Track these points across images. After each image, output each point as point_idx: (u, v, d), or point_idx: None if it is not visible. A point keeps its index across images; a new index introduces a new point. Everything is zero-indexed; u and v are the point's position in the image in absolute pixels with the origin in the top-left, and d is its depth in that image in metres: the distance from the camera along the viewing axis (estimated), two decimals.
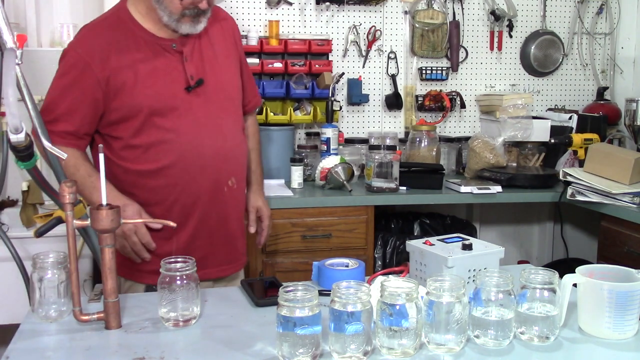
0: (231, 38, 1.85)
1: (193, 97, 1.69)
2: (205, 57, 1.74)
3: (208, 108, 1.72)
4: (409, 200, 2.78)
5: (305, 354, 1.11)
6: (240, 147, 1.82)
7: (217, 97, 1.74)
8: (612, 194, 2.54)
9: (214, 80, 1.74)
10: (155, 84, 1.66)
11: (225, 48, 1.81)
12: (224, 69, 1.78)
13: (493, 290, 1.21)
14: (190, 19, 1.65)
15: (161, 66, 1.67)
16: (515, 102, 3.23)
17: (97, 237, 1.42)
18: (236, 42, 1.87)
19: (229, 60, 1.81)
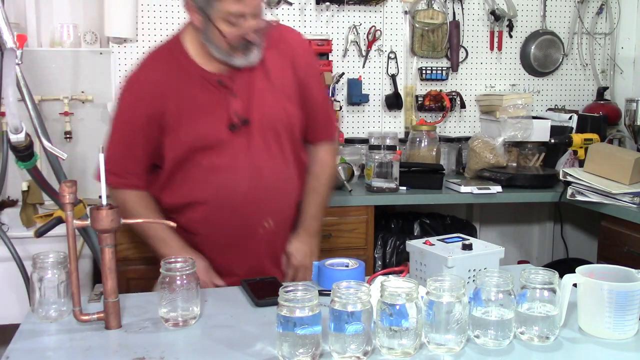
0: (288, 64, 1.70)
1: (236, 135, 1.64)
2: (255, 91, 1.65)
3: (250, 147, 1.65)
4: (409, 200, 2.78)
5: (305, 354, 1.11)
6: (283, 188, 1.72)
7: (262, 135, 1.66)
8: (612, 194, 2.54)
9: (260, 117, 1.65)
10: (198, 121, 1.62)
11: (281, 76, 1.69)
12: (274, 104, 1.68)
13: (493, 290, 1.21)
14: (241, 52, 1.59)
15: (206, 103, 1.63)
16: (515, 102, 3.23)
17: (97, 237, 1.43)
18: (295, 67, 1.71)
19: (282, 92, 1.69)
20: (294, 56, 1.71)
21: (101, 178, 1.29)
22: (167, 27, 3.06)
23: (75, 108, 2.97)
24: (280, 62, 1.69)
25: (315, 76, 1.81)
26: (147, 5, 3.03)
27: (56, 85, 2.94)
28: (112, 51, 3.01)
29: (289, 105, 1.70)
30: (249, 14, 1.53)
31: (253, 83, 1.66)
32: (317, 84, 1.80)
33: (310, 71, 1.76)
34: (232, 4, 1.50)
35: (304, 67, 1.73)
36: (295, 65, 1.71)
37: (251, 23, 1.55)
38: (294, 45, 1.72)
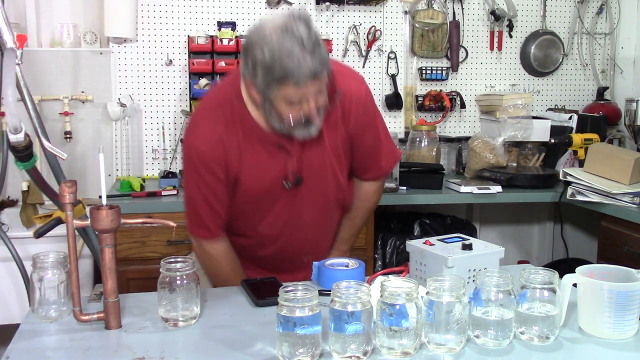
0: (340, 122, 1.67)
1: (287, 193, 1.69)
2: (306, 148, 1.64)
3: (299, 203, 1.71)
4: (409, 200, 2.78)
5: (305, 354, 1.11)
6: (323, 234, 1.83)
7: (310, 191, 1.70)
8: (612, 194, 2.54)
9: (310, 175, 1.68)
10: (256, 178, 1.66)
11: (334, 134, 1.66)
12: (325, 162, 1.69)
13: (493, 290, 1.21)
14: (302, 127, 1.55)
15: (265, 162, 1.64)
16: (515, 102, 3.23)
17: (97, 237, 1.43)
18: (348, 121, 1.67)
19: (334, 149, 1.69)
20: (349, 111, 1.67)
21: (101, 178, 1.29)
22: (167, 27, 3.07)
23: (75, 108, 2.97)
24: (333, 117, 1.66)
25: (368, 125, 1.74)
26: (147, 5, 3.03)
27: (56, 85, 2.94)
28: (112, 51, 3.01)
29: (337, 160, 1.72)
30: (311, 97, 1.49)
31: (303, 146, 1.64)
32: (369, 132, 1.75)
33: (363, 123, 1.72)
34: (293, 90, 1.46)
35: (356, 120, 1.70)
36: (348, 120, 1.68)
37: (312, 104, 1.50)
38: (351, 102, 1.67)
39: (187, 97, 3.10)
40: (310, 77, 1.44)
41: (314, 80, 1.45)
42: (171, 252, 2.38)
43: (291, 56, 1.41)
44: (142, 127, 3.08)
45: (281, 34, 1.43)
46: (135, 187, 2.70)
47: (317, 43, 1.44)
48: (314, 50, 1.43)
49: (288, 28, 1.43)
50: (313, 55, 1.42)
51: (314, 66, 1.43)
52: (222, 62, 2.97)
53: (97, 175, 2.94)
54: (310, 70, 1.42)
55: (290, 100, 1.48)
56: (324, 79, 1.49)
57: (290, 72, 1.42)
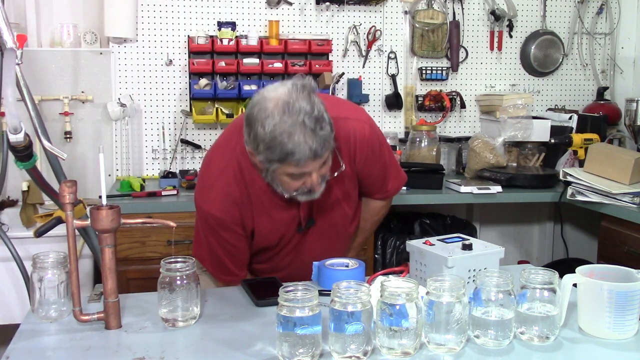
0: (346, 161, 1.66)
1: (302, 234, 1.75)
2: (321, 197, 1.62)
3: (313, 243, 1.77)
4: (409, 200, 2.78)
5: (305, 354, 1.11)
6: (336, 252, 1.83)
7: (321, 232, 1.76)
8: (612, 194, 2.54)
9: (320, 217, 1.73)
10: (270, 230, 1.70)
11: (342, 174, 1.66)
12: (334, 203, 1.73)
13: (493, 290, 1.21)
14: (305, 193, 1.56)
15: (276, 214, 1.67)
16: (515, 102, 3.23)
17: (97, 237, 1.43)
18: (354, 162, 1.69)
19: (341, 189, 1.72)
20: (354, 153, 1.69)
21: (101, 178, 1.29)
22: (167, 27, 3.07)
23: (75, 108, 2.97)
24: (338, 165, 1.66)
25: (374, 162, 1.76)
26: (147, 5, 3.03)
27: (56, 85, 2.94)
28: (112, 51, 3.01)
29: (345, 199, 1.76)
30: (314, 171, 1.49)
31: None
32: (376, 166, 1.77)
33: (369, 162, 1.74)
34: (294, 169, 1.46)
35: (361, 160, 1.72)
36: (354, 161, 1.70)
37: (315, 179, 1.50)
38: (356, 145, 1.68)
39: (187, 97, 3.10)
40: (311, 157, 1.43)
41: (315, 159, 1.44)
42: (171, 252, 2.38)
43: (292, 137, 1.40)
44: (142, 127, 3.08)
45: (282, 111, 1.41)
46: (135, 187, 2.70)
47: (319, 119, 1.43)
48: (315, 129, 1.41)
49: (290, 105, 1.42)
50: (314, 135, 1.41)
51: (314, 147, 1.41)
52: (222, 62, 2.97)
53: (97, 175, 2.97)
54: (311, 150, 1.41)
55: (292, 175, 1.49)
56: (326, 154, 1.48)
57: (290, 153, 1.41)
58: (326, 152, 1.46)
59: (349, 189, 1.76)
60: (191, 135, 3.13)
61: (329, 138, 1.45)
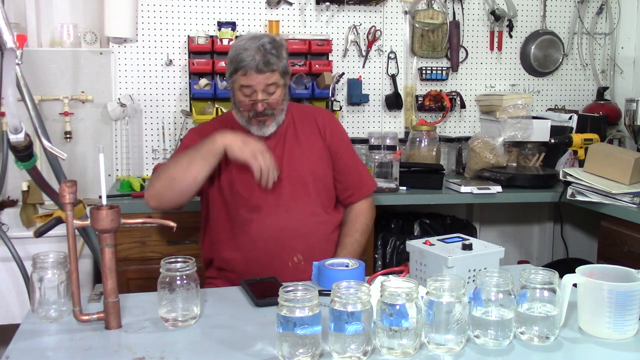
0: (317, 133, 2.02)
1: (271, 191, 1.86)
2: (286, 148, 1.96)
3: (280, 192, 1.90)
4: (409, 200, 2.77)
5: (305, 354, 1.11)
6: (310, 226, 1.91)
7: (290, 181, 1.92)
8: (612, 194, 2.54)
9: (289, 167, 1.93)
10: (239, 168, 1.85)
11: (311, 140, 2.00)
12: (302, 160, 1.96)
13: (493, 290, 1.21)
14: (256, 122, 1.90)
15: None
16: (515, 102, 3.23)
17: (97, 237, 1.43)
18: (325, 136, 2.02)
19: (312, 151, 1.99)
20: (324, 127, 2.03)
21: (101, 178, 1.29)
22: (167, 27, 3.07)
23: (75, 108, 2.97)
24: (310, 130, 2.02)
25: (344, 144, 2.07)
26: (147, 5, 3.03)
27: (56, 85, 2.94)
28: (112, 51, 3.01)
29: (315, 160, 1.99)
30: (258, 89, 1.85)
31: (285, 142, 1.97)
32: (346, 151, 2.07)
33: (338, 139, 2.05)
34: (242, 79, 1.84)
35: (332, 135, 2.03)
36: (324, 134, 2.02)
37: (259, 96, 1.85)
38: (323, 122, 2.04)
39: (187, 97, 3.10)
40: (255, 70, 1.82)
41: (259, 74, 1.82)
42: (171, 252, 2.38)
43: (246, 51, 1.82)
44: (142, 127, 3.08)
45: (248, 37, 1.88)
46: (135, 187, 2.70)
47: (272, 49, 1.84)
48: (265, 51, 1.82)
49: (256, 36, 1.88)
50: (264, 54, 1.82)
51: (258, 59, 1.81)
52: (222, 62, 2.97)
53: (97, 175, 2.97)
54: (255, 61, 1.81)
55: (243, 89, 1.86)
56: (272, 79, 1.85)
57: (241, 60, 1.82)
58: (269, 72, 1.83)
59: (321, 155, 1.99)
60: None
61: (275, 64, 1.84)
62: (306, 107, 2.12)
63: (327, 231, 1.96)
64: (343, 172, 2.04)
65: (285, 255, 1.87)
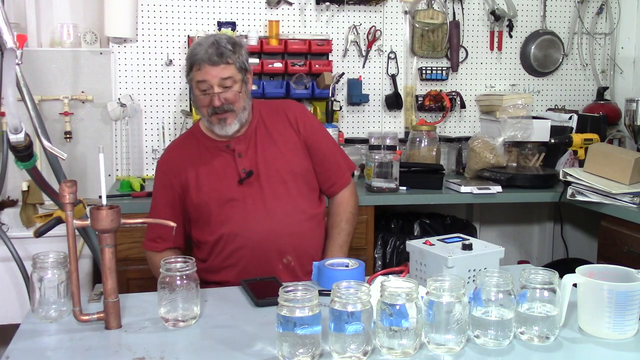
0: (289, 127, 1.96)
1: (246, 187, 1.86)
2: (259, 149, 1.90)
3: (260, 194, 1.87)
4: (409, 200, 2.77)
5: (305, 354, 1.11)
6: (295, 225, 1.87)
7: (269, 182, 1.88)
8: (612, 194, 2.54)
9: (266, 168, 1.88)
10: (212, 182, 1.87)
11: (285, 135, 1.94)
12: (277, 156, 1.91)
13: (493, 290, 1.21)
14: (217, 120, 1.83)
15: (218, 166, 1.88)
16: (515, 102, 3.23)
17: (97, 237, 1.42)
18: (298, 129, 1.96)
19: (287, 147, 1.93)
20: (296, 120, 1.97)
21: (101, 178, 1.29)
22: (167, 27, 3.07)
23: (75, 108, 2.97)
24: (282, 125, 1.96)
25: (319, 132, 2.02)
26: (147, 5, 3.03)
27: (56, 85, 2.94)
28: (112, 51, 3.01)
29: (292, 155, 1.93)
30: (214, 84, 1.79)
31: (257, 143, 1.91)
32: (321, 138, 2.01)
33: (312, 130, 1.99)
34: (197, 74, 1.80)
35: (305, 127, 1.97)
36: (297, 128, 1.96)
37: (216, 90, 1.80)
38: (294, 114, 1.98)
39: (187, 97, 3.10)
40: (207, 62, 1.77)
41: (212, 67, 1.78)
42: None
43: (199, 46, 1.80)
44: (142, 127, 3.08)
45: (206, 37, 1.85)
46: (135, 187, 2.70)
47: (227, 46, 1.79)
48: (219, 44, 1.79)
49: (214, 34, 1.89)
50: (217, 48, 1.78)
51: (211, 52, 1.77)
52: None
53: (97, 175, 2.97)
54: (207, 54, 1.77)
55: (199, 85, 1.81)
56: (227, 73, 1.79)
57: (194, 54, 1.80)
58: (223, 65, 1.78)
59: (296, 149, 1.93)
60: None
61: (229, 57, 1.79)
62: (273, 103, 2.06)
63: (313, 226, 1.92)
64: (321, 162, 1.99)
65: (274, 259, 1.84)
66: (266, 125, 1.94)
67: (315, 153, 1.97)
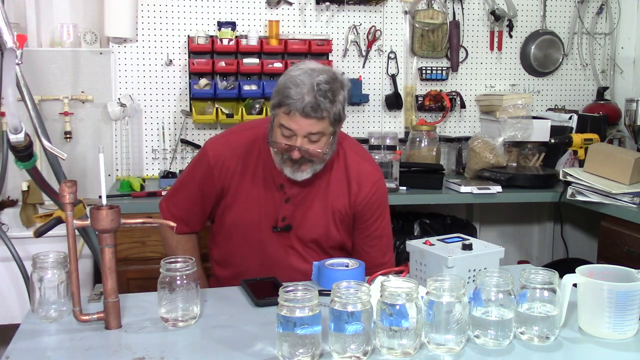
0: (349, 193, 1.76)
1: (277, 235, 1.75)
2: (307, 204, 1.74)
3: (286, 249, 1.77)
4: (409, 200, 2.78)
5: (305, 354, 1.11)
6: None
7: (300, 243, 1.76)
8: (612, 194, 2.54)
9: (303, 229, 1.75)
10: (248, 210, 1.75)
11: (338, 202, 1.75)
12: (319, 221, 1.75)
13: (493, 290, 1.21)
14: (290, 164, 1.65)
15: (263, 196, 1.74)
16: (515, 102, 3.23)
17: (97, 237, 1.42)
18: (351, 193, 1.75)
19: (332, 214, 1.76)
20: (359, 186, 1.76)
21: (101, 178, 1.29)
22: (167, 27, 3.07)
23: (75, 108, 2.97)
24: (342, 188, 1.76)
25: (377, 210, 1.79)
26: (147, 5, 3.03)
27: (56, 85, 2.94)
28: (112, 51, 3.01)
29: (333, 227, 1.77)
30: (299, 135, 1.58)
31: (309, 198, 1.74)
32: (377, 219, 1.80)
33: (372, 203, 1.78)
34: (284, 117, 1.58)
35: (364, 198, 1.76)
36: (354, 193, 1.76)
37: (299, 143, 1.59)
38: (360, 175, 1.77)
39: (187, 97, 3.10)
40: (300, 112, 1.54)
41: (304, 118, 1.55)
42: None
43: (296, 87, 1.55)
44: (142, 127, 3.08)
45: (304, 71, 1.58)
46: (135, 187, 2.70)
47: (328, 92, 1.55)
48: (318, 92, 1.54)
49: (313, 70, 1.58)
50: (315, 96, 1.54)
51: (307, 101, 1.54)
52: (222, 62, 2.97)
53: (97, 175, 2.97)
54: (303, 103, 1.54)
55: (282, 129, 1.60)
56: (319, 128, 1.58)
57: (287, 96, 1.55)
58: (316, 119, 1.56)
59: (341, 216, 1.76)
60: (191, 135, 3.13)
61: (326, 110, 1.56)
62: (354, 161, 1.77)
63: None
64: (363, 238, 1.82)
65: None
66: (330, 183, 1.76)
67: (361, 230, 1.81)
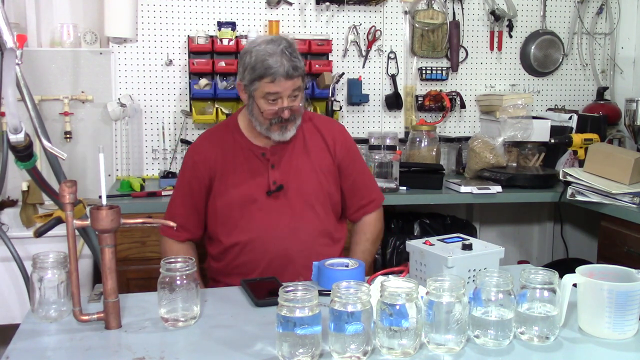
0: (327, 147, 1.93)
1: (273, 200, 1.85)
2: (293, 164, 1.88)
3: (286, 210, 1.85)
4: (409, 200, 2.77)
5: (305, 354, 1.11)
6: (319, 248, 1.85)
7: (298, 200, 1.86)
8: (612, 194, 2.54)
9: (296, 185, 1.87)
10: (241, 185, 1.85)
11: (320, 156, 1.92)
12: (310, 176, 1.89)
13: (493, 290, 1.21)
14: (278, 128, 1.81)
15: (249, 170, 1.87)
16: (515, 102, 3.23)
17: (97, 237, 1.42)
18: (335, 153, 1.94)
19: (319, 168, 1.91)
20: (335, 145, 1.94)
21: (101, 178, 1.29)
22: (167, 27, 3.07)
23: (75, 108, 2.97)
24: (320, 144, 1.93)
25: (354, 153, 2.00)
26: (147, 5, 3.03)
27: (56, 85, 2.94)
28: (112, 51, 3.01)
29: (323, 179, 1.91)
30: (285, 95, 1.76)
31: (292, 158, 1.89)
32: (356, 161, 2.00)
33: (348, 149, 1.97)
34: (269, 86, 1.74)
35: (342, 154, 1.95)
36: (334, 152, 1.94)
37: (285, 103, 1.77)
38: (334, 137, 1.95)
39: (187, 97, 3.10)
40: (284, 76, 1.73)
41: (287, 80, 1.74)
42: None
43: (272, 57, 1.72)
44: (142, 127, 3.08)
45: (267, 42, 1.76)
46: (135, 187, 2.70)
47: (295, 52, 1.76)
48: (290, 56, 1.74)
49: (274, 39, 1.77)
50: (290, 60, 1.73)
51: (287, 66, 1.72)
52: (222, 62, 2.97)
53: (97, 175, 2.97)
54: (284, 68, 1.72)
55: (267, 96, 1.76)
56: (298, 84, 1.77)
57: (269, 67, 1.72)
58: (297, 78, 1.75)
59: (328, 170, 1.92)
60: (191, 135, 3.13)
61: (301, 67, 1.76)
62: (316, 118, 2.00)
63: (336, 250, 1.90)
64: (352, 186, 1.98)
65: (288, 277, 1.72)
66: (305, 140, 1.92)
67: (347, 177, 1.96)
